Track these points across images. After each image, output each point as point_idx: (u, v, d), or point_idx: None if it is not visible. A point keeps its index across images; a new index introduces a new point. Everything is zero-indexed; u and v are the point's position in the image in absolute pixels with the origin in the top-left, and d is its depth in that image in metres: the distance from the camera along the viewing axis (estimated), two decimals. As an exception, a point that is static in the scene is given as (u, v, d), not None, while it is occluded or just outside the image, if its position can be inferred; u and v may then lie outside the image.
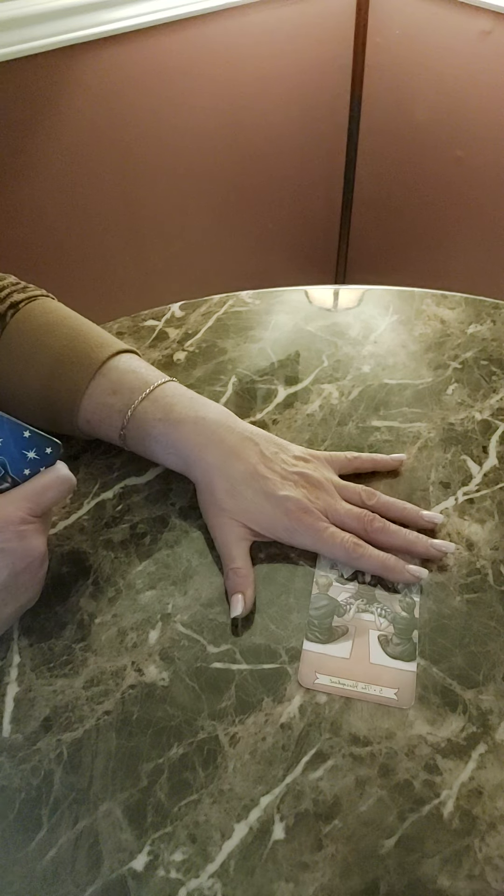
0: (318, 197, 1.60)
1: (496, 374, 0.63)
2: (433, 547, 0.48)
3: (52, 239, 1.25)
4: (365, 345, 0.66)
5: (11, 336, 0.52)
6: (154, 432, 0.50)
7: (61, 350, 0.51)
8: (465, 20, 1.22)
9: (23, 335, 0.52)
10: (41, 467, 0.42)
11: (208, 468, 0.49)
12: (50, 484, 0.42)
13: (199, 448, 0.49)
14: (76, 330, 0.52)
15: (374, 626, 0.46)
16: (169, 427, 0.49)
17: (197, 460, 0.49)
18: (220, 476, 0.48)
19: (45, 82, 1.10)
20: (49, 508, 0.42)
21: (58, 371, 0.51)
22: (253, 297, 0.71)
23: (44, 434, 0.41)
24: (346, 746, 0.40)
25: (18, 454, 0.41)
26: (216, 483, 0.48)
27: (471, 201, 1.42)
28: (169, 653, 0.44)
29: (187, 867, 0.36)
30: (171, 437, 0.49)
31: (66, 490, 0.43)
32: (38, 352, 0.51)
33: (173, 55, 1.20)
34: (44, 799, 0.39)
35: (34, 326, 0.52)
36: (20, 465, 0.42)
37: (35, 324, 0.52)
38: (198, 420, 0.49)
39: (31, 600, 0.42)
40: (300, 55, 1.35)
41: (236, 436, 0.49)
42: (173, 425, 0.49)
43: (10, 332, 0.52)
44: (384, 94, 1.43)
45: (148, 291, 1.47)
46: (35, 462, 0.42)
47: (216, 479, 0.48)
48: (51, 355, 0.51)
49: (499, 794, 0.39)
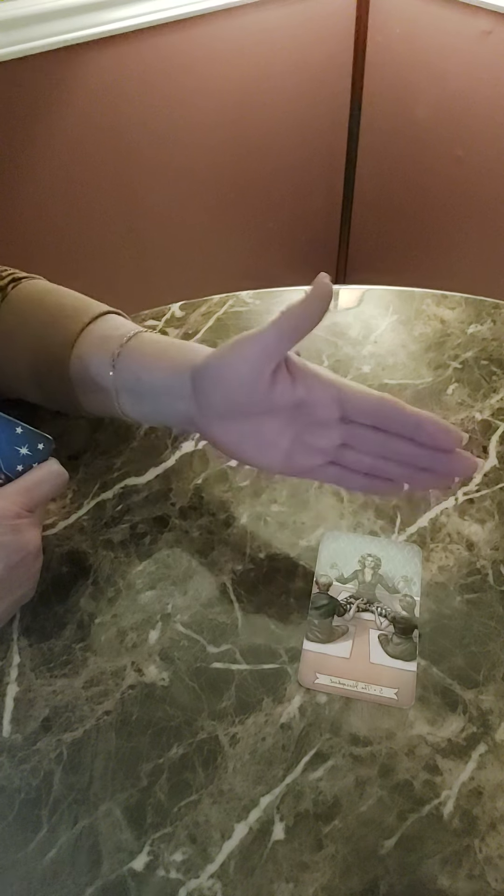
0: (318, 196, 1.60)
1: (496, 374, 0.63)
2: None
3: (52, 239, 1.26)
4: (365, 345, 0.66)
5: (12, 301, 0.52)
6: (155, 338, 0.48)
7: (59, 308, 0.51)
8: (466, 20, 1.22)
9: (23, 300, 0.52)
10: (34, 463, 0.43)
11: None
12: (43, 479, 0.42)
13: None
14: (75, 294, 0.53)
15: (374, 626, 0.46)
16: (175, 339, 0.48)
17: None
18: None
19: (45, 82, 1.10)
20: (43, 503, 0.43)
21: (55, 322, 0.50)
22: (253, 297, 0.71)
23: (36, 430, 0.42)
24: (346, 746, 0.40)
25: (10, 450, 0.42)
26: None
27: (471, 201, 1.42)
28: (169, 653, 0.44)
29: (187, 867, 0.36)
30: (176, 341, 0.47)
31: (60, 485, 0.43)
32: (37, 309, 0.51)
33: (173, 55, 1.20)
34: (44, 799, 0.39)
35: (35, 291, 0.52)
36: (12, 461, 0.42)
37: (35, 290, 0.52)
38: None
39: (26, 595, 0.42)
40: (300, 54, 1.35)
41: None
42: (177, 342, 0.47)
43: (11, 299, 0.52)
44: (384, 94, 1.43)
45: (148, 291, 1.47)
46: (27, 458, 0.42)
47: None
48: (49, 312, 0.51)
49: (499, 794, 0.39)
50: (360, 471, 0.45)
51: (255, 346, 0.40)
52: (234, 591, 0.48)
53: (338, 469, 0.45)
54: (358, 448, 0.44)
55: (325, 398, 0.43)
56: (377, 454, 0.44)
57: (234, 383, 0.42)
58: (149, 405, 0.47)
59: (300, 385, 0.42)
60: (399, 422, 0.42)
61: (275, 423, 0.44)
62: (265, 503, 0.52)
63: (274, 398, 0.42)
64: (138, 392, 0.47)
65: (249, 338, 0.41)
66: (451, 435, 0.41)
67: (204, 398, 0.44)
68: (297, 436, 0.44)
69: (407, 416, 0.41)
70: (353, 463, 0.44)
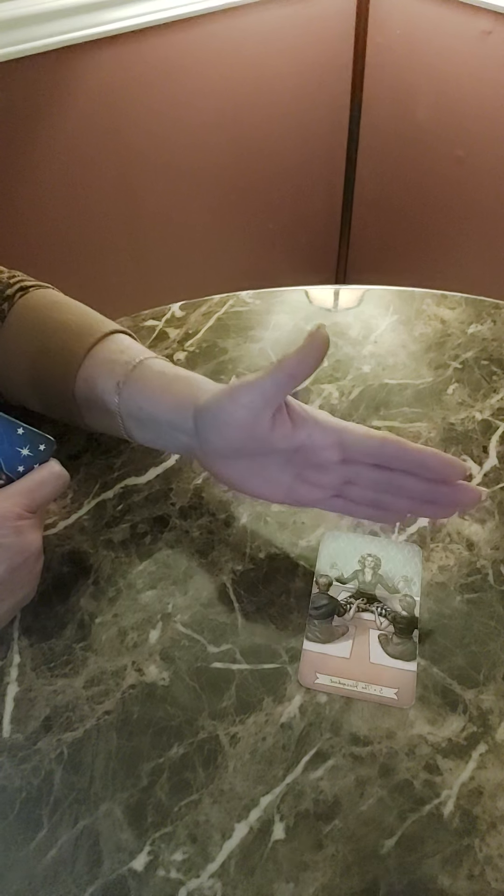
0: (318, 197, 1.60)
1: (496, 374, 0.63)
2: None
3: (52, 239, 1.25)
4: (365, 345, 0.66)
5: (19, 313, 0.52)
6: (161, 368, 0.48)
7: (66, 324, 0.51)
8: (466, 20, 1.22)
9: (31, 311, 0.52)
10: (35, 464, 0.42)
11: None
12: (45, 480, 0.42)
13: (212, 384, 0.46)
14: (83, 309, 0.53)
15: (374, 626, 0.46)
16: (179, 370, 0.48)
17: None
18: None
19: (45, 82, 1.10)
20: (44, 504, 0.43)
21: (61, 340, 0.50)
22: (253, 297, 0.71)
23: (37, 431, 0.42)
24: (347, 746, 0.40)
25: (12, 451, 0.42)
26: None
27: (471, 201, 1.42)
28: (169, 652, 0.44)
29: (187, 867, 0.37)
30: (181, 372, 0.47)
31: (61, 486, 0.43)
32: (43, 324, 0.51)
33: (173, 55, 1.20)
34: (44, 799, 0.39)
35: (42, 304, 0.52)
36: (14, 461, 0.42)
37: (43, 302, 0.52)
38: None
39: (28, 596, 0.42)
40: (300, 55, 1.35)
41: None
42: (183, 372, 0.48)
43: (18, 309, 0.52)
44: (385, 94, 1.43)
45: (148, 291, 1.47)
46: (29, 459, 0.42)
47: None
48: (56, 328, 0.51)
49: (499, 794, 0.39)
50: (364, 503, 0.45)
51: (253, 393, 0.41)
52: (234, 591, 0.48)
53: (342, 501, 0.46)
54: (361, 485, 0.45)
55: (326, 443, 0.43)
56: (381, 489, 0.44)
57: (233, 428, 0.42)
58: (152, 433, 0.48)
59: (300, 430, 0.43)
60: (403, 461, 0.43)
61: (276, 462, 0.45)
62: (265, 503, 0.52)
63: (274, 442, 0.43)
64: (142, 420, 0.47)
65: (247, 384, 0.41)
66: (455, 468, 0.42)
67: (205, 438, 0.44)
68: (299, 474, 0.45)
69: (411, 455, 0.42)
70: (357, 497, 0.45)
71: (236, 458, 0.44)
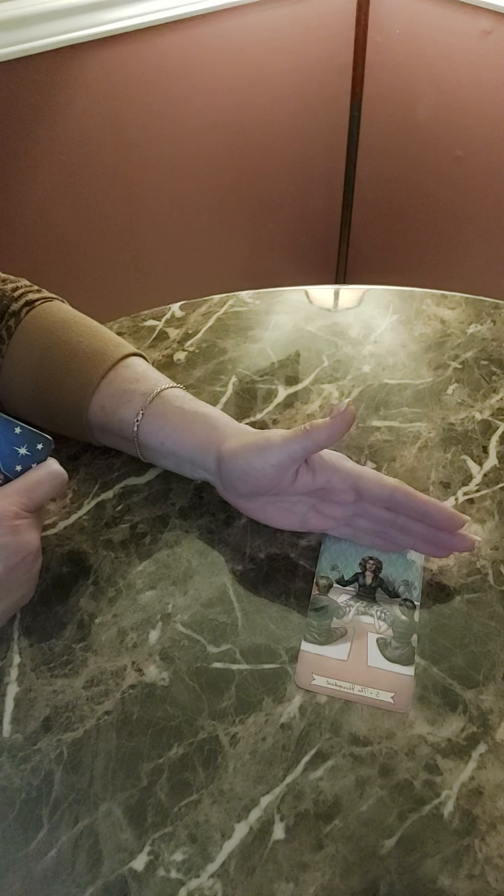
0: (318, 197, 1.60)
1: (496, 374, 0.63)
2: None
3: (52, 239, 1.25)
4: (365, 345, 0.66)
5: (27, 330, 0.52)
6: (179, 404, 0.49)
7: (76, 346, 0.51)
8: (466, 20, 1.22)
9: (38, 330, 0.52)
10: (32, 463, 0.42)
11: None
12: (42, 479, 0.42)
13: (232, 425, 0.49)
14: (93, 329, 0.53)
15: (373, 629, 0.46)
16: (198, 404, 0.50)
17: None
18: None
19: (45, 82, 1.10)
20: (42, 504, 0.43)
21: (73, 363, 0.50)
22: (253, 297, 0.71)
23: (35, 430, 0.42)
24: (347, 746, 0.40)
25: (10, 450, 0.42)
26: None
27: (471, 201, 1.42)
28: (169, 653, 0.44)
29: (187, 867, 0.37)
30: (199, 408, 0.49)
31: (59, 485, 0.43)
32: (53, 346, 0.51)
33: (173, 55, 1.20)
34: (44, 799, 0.39)
35: (50, 322, 0.52)
36: (12, 461, 0.42)
37: (51, 320, 0.52)
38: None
39: (26, 596, 0.42)
40: (300, 55, 1.35)
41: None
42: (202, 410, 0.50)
43: (26, 326, 0.52)
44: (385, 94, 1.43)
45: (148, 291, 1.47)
46: (26, 458, 0.42)
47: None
48: (66, 350, 0.51)
49: (499, 794, 0.39)
50: (371, 534, 0.49)
51: (281, 455, 0.44)
52: (234, 591, 0.48)
53: (351, 529, 0.49)
54: (370, 519, 0.48)
55: (344, 486, 0.47)
56: (387, 525, 0.48)
57: (259, 480, 0.46)
58: (171, 464, 0.51)
59: (320, 476, 0.46)
60: (410, 509, 0.46)
61: (294, 500, 0.49)
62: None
63: (296, 488, 0.47)
64: (163, 453, 0.50)
65: (277, 447, 0.45)
66: (455, 520, 0.46)
67: (229, 481, 0.47)
68: (314, 506, 0.49)
69: (417, 504, 0.46)
70: (364, 528, 0.49)
71: (257, 496, 0.48)
